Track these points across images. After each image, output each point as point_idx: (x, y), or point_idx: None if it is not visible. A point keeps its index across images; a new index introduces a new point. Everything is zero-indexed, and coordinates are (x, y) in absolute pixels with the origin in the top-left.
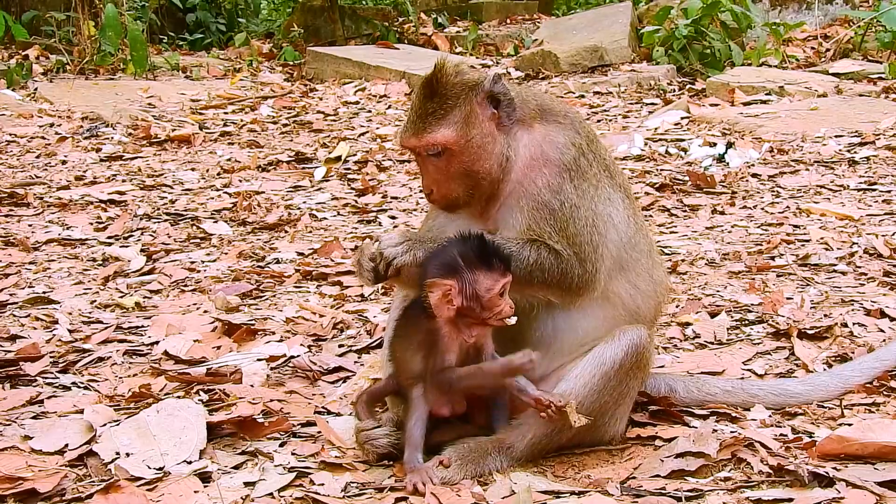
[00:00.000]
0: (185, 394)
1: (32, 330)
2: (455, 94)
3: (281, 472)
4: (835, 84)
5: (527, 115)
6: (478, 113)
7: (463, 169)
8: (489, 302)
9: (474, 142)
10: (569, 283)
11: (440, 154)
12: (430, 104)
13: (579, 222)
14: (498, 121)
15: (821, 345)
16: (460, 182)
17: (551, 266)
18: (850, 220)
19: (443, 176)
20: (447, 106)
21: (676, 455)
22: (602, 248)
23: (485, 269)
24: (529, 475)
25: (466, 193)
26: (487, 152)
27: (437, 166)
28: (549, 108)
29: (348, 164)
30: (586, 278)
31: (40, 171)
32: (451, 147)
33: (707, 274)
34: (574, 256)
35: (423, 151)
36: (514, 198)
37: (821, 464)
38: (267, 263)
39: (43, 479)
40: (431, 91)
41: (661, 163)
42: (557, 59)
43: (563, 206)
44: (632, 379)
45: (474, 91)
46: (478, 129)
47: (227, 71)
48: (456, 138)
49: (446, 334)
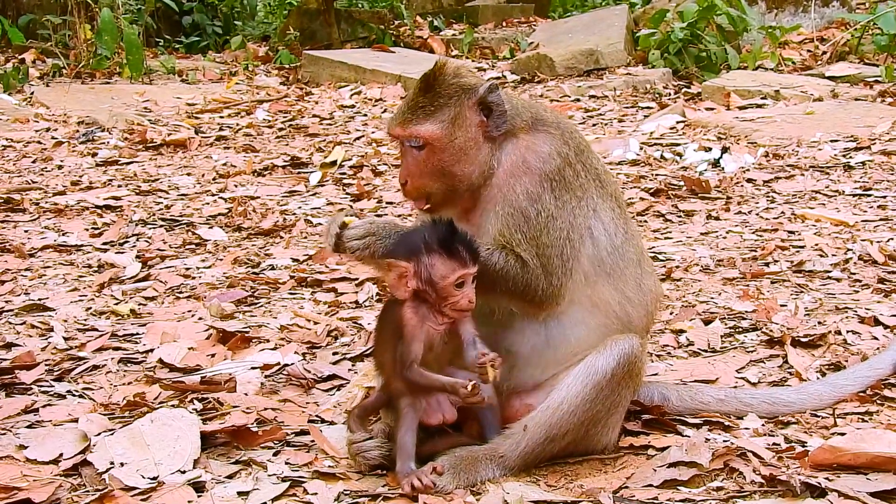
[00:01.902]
0: (179, 402)
1: (28, 338)
2: (448, 93)
3: (275, 482)
4: (831, 88)
5: (517, 125)
6: (467, 117)
7: (441, 167)
8: (443, 290)
9: (457, 143)
10: (531, 294)
11: (421, 148)
12: (423, 98)
13: (553, 233)
14: (485, 129)
15: (814, 353)
16: (435, 179)
17: (516, 275)
18: (846, 225)
19: (420, 170)
20: (438, 103)
21: (669, 464)
22: (573, 263)
23: (443, 256)
24: (522, 485)
25: (440, 193)
26: (469, 157)
27: (416, 159)
28: (541, 118)
29: (344, 168)
30: (550, 292)
31: (36, 175)
32: (433, 143)
33: (701, 280)
34: (541, 268)
35: (405, 142)
36: (492, 203)
37: (813, 474)
38: (262, 270)
39: (38, 489)
40: (427, 86)
41: (657, 168)
42: (553, 62)
43: (538, 215)
44: (624, 388)
45: (468, 95)
46: (463, 132)
47: (223, 74)
48: (439, 135)
49: (410, 321)
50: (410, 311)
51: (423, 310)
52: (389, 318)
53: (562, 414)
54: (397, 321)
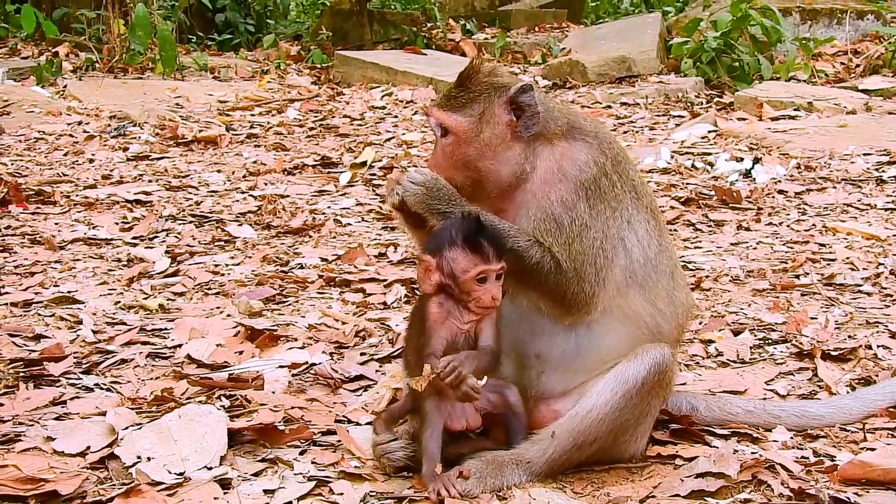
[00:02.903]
0: (206, 399)
1: (57, 330)
2: (479, 90)
3: (301, 481)
4: (864, 101)
5: (552, 130)
6: (495, 114)
7: (465, 160)
8: (465, 284)
9: (482, 139)
10: (562, 296)
11: (447, 136)
12: (456, 91)
13: (586, 242)
14: (515, 129)
15: (844, 366)
16: (460, 172)
17: (549, 272)
18: (877, 240)
19: (445, 160)
20: (468, 98)
21: (697, 475)
22: (606, 272)
23: (465, 250)
24: (549, 491)
25: (466, 185)
26: (495, 154)
27: (443, 148)
28: (578, 126)
29: (373, 169)
30: (581, 297)
31: (67, 168)
32: (457, 134)
33: (731, 291)
34: (574, 272)
35: (434, 124)
36: (524, 208)
37: (842, 489)
38: (290, 268)
39: (64, 481)
40: (461, 81)
41: (687, 176)
42: (585, 68)
43: (572, 223)
44: (654, 398)
45: (498, 93)
46: (491, 129)
47: (254, 72)
48: (464, 129)
49: (433, 314)
50: (435, 306)
51: (450, 305)
52: (416, 313)
53: (590, 421)
54: (422, 315)
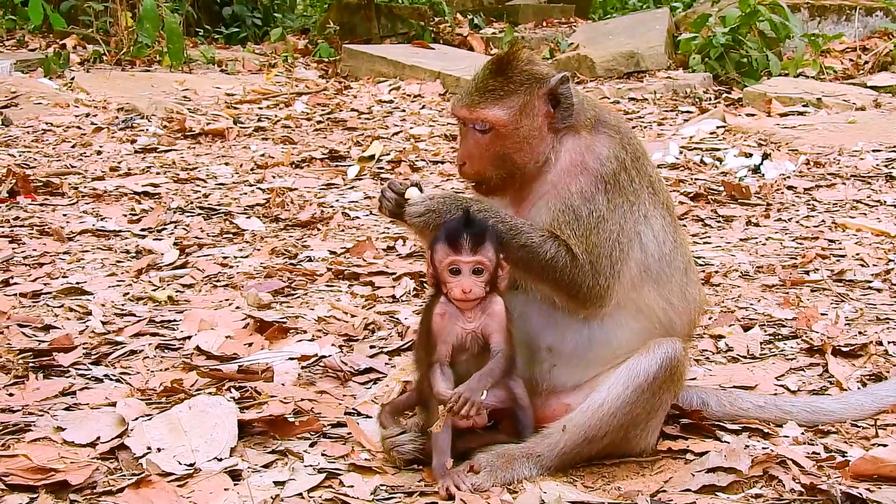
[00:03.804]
0: (216, 390)
1: (66, 321)
2: (520, 80)
3: (311, 473)
4: (873, 97)
5: (580, 122)
6: (535, 106)
7: (502, 153)
8: (441, 276)
9: (522, 132)
10: (577, 289)
11: (486, 131)
12: (494, 81)
13: (602, 234)
14: (552, 120)
15: (855, 362)
16: (495, 165)
17: (564, 267)
18: (887, 236)
19: (480, 153)
20: (509, 88)
21: (708, 470)
22: (620, 266)
23: (443, 242)
24: (559, 485)
25: (497, 177)
26: (531, 146)
27: (478, 142)
28: (603, 119)
29: (381, 163)
30: (596, 291)
31: (75, 160)
32: (499, 129)
33: (741, 286)
34: (589, 265)
35: (470, 124)
36: (544, 199)
37: (854, 484)
38: (299, 261)
39: (74, 471)
40: (499, 69)
41: (696, 172)
42: (593, 63)
43: (590, 214)
44: (665, 392)
45: (539, 84)
46: (530, 121)
47: (262, 66)
48: (506, 122)
49: (436, 319)
50: (439, 309)
51: (452, 308)
52: (424, 314)
53: (602, 415)
54: (426, 319)
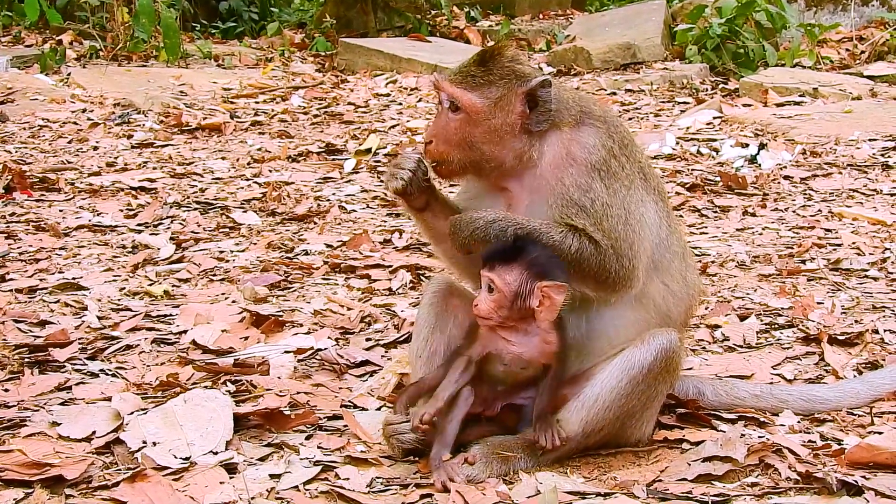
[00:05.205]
0: (212, 384)
1: (62, 316)
2: (501, 73)
3: (307, 466)
4: (869, 87)
5: (563, 120)
6: (511, 102)
7: (469, 140)
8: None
9: (493, 123)
10: (605, 276)
11: (457, 112)
12: (476, 69)
13: (612, 219)
14: (525, 121)
15: (851, 351)
16: (461, 149)
17: (590, 256)
18: (883, 225)
19: (448, 135)
20: (488, 79)
21: (704, 459)
22: (638, 245)
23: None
24: (555, 475)
25: (459, 163)
26: (501, 141)
27: (448, 124)
28: (588, 111)
29: (378, 156)
30: (623, 273)
31: (72, 156)
32: (469, 113)
33: (737, 276)
34: (612, 249)
35: (444, 98)
36: (541, 195)
37: (850, 472)
38: (296, 255)
39: (70, 466)
40: (483, 59)
41: (693, 163)
42: (590, 55)
43: (594, 203)
44: (660, 383)
45: (520, 82)
46: (503, 115)
47: (258, 60)
48: (477, 109)
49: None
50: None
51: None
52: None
53: (597, 409)
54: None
